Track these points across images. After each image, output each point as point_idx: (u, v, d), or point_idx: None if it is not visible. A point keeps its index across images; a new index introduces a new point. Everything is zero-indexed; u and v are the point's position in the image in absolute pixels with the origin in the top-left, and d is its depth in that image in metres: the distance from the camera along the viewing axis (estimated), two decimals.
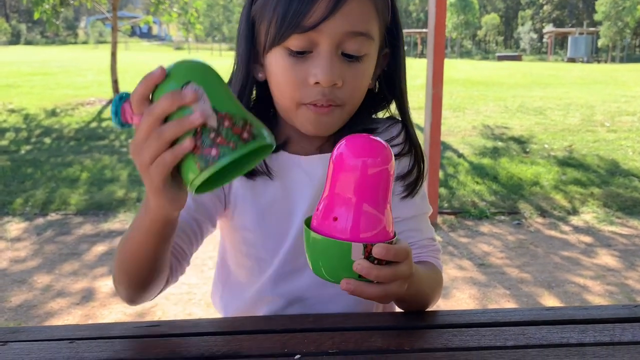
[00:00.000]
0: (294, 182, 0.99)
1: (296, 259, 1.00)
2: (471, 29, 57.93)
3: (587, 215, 4.87)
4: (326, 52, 0.86)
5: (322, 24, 0.83)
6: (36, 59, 22.23)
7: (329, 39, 0.85)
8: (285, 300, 1.03)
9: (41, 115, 9.01)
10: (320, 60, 0.86)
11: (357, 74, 0.89)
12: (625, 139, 7.55)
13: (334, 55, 0.86)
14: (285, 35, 0.85)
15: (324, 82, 0.86)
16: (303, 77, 0.87)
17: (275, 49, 0.88)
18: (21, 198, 5.12)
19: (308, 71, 0.87)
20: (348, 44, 0.86)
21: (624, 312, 0.98)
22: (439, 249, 1.07)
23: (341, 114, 0.92)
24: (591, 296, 3.34)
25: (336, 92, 0.88)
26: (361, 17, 0.87)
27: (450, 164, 6.27)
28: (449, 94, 9.96)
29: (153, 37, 77.24)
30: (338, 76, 0.86)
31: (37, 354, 0.86)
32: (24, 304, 3.19)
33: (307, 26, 0.83)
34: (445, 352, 0.85)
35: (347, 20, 0.85)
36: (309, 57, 0.87)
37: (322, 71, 0.85)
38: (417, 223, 1.04)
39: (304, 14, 0.83)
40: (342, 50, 0.87)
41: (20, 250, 4.01)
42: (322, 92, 0.87)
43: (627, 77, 16.78)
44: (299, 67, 0.87)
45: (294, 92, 0.89)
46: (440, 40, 4.33)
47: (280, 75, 0.90)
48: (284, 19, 0.84)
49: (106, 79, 11.10)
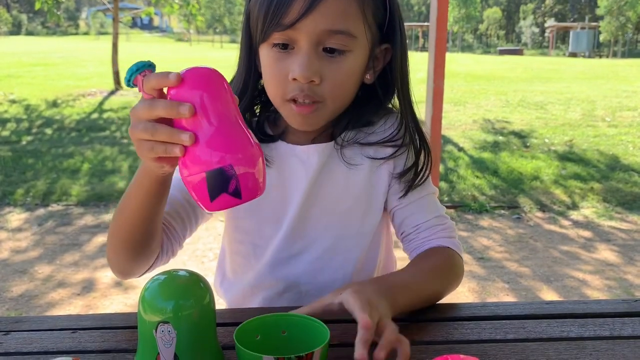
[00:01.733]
0: (289, 170, 1.01)
1: (291, 246, 1.03)
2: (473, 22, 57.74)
3: (586, 210, 4.87)
4: (304, 49, 0.88)
5: (298, 23, 0.86)
6: (37, 49, 22.18)
7: (306, 36, 0.88)
8: (282, 285, 1.05)
9: (42, 106, 9.00)
10: (298, 57, 0.89)
11: (338, 70, 0.91)
12: (625, 134, 7.54)
13: (312, 52, 0.89)
14: (267, 33, 0.89)
15: (300, 79, 0.89)
16: (284, 73, 0.90)
17: (263, 44, 0.92)
18: (22, 188, 5.12)
19: (288, 67, 0.90)
20: (328, 42, 0.89)
21: (624, 307, 0.98)
22: (450, 225, 1.05)
23: (324, 111, 0.94)
24: (590, 291, 3.34)
25: (315, 88, 0.90)
26: (339, 15, 0.88)
27: (450, 157, 6.27)
28: (450, 88, 9.94)
29: (154, 28, 77.03)
30: (314, 72, 0.88)
31: (40, 344, 0.87)
32: (25, 294, 3.20)
33: (285, 24, 0.87)
34: (446, 345, 0.85)
35: (324, 18, 0.87)
36: (291, 53, 0.90)
37: (299, 67, 0.88)
38: (420, 205, 1.04)
39: (282, 13, 0.86)
40: (323, 46, 0.89)
41: (21, 241, 4.02)
42: (301, 87, 0.90)
43: (628, 72, 16.74)
44: (282, 63, 0.91)
45: (277, 87, 0.93)
46: (442, 33, 4.31)
47: (267, 70, 0.94)
48: (266, 17, 0.88)
49: (107, 70, 11.08)
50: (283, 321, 0.79)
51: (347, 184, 1.01)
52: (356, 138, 1.01)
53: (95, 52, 20.04)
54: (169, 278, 0.70)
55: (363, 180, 1.02)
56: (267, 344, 0.77)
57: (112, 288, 3.26)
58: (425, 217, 1.03)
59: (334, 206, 1.01)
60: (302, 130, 0.97)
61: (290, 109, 0.93)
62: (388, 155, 1.02)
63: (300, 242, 1.03)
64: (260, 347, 0.74)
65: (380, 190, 1.03)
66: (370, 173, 1.02)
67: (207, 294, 0.71)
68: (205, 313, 0.70)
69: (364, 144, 1.01)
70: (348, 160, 1.00)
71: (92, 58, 17.00)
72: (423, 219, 1.03)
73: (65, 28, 63.38)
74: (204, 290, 0.71)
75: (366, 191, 1.02)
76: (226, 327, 0.87)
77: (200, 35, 55.67)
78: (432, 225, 1.03)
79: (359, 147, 1.01)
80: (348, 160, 1.00)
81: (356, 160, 1.01)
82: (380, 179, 1.03)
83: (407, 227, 1.04)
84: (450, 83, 10.48)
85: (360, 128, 1.01)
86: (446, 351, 0.83)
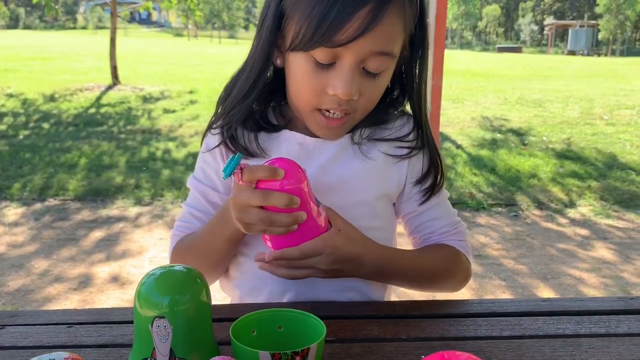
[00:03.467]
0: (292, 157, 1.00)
1: None
2: (472, 20, 57.72)
3: (583, 208, 4.88)
4: (349, 67, 0.87)
5: (351, 43, 0.84)
6: (35, 43, 22.09)
7: (354, 55, 0.86)
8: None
9: (39, 100, 8.97)
10: (342, 73, 0.87)
11: (374, 88, 0.92)
12: (623, 132, 7.55)
13: (356, 70, 0.88)
14: (313, 46, 0.86)
15: (343, 96, 0.88)
16: (322, 87, 0.89)
17: (300, 52, 0.89)
18: (19, 183, 5.11)
19: (328, 82, 0.88)
20: (370, 62, 0.88)
21: (620, 304, 0.98)
22: (462, 230, 1.09)
23: (353, 121, 0.97)
24: (586, 288, 3.35)
25: (352, 103, 0.91)
26: (389, 38, 0.88)
27: (448, 155, 6.27)
28: (448, 85, 9.94)
29: (152, 23, 76.79)
30: (356, 90, 0.89)
31: (35, 338, 0.86)
32: (22, 288, 3.20)
33: (337, 42, 0.84)
34: (442, 342, 0.85)
35: (375, 40, 0.85)
36: (331, 68, 0.88)
37: (343, 85, 0.87)
38: (435, 212, 1.07)
39: (337, 30, 0.83)
40: (364, 66, 0.89)
41: (18, 235, 4.01)
42: (339, 102, 0.90)
43: (626, 71, 16.76)
44: (320, 76, 0.89)
45: (311, 98, 0.92)
46: (441, 30, 4.32)
47: (300, 79, 0.92)
48: (316, 30, 0.84)
49: (105, 65, 11.05)
50: (279, 317, 0.79)
51: (359, 178, 1.00)
52: (372, 135, 1.02)
53: (93, 46, 19.97)
54: (165, 273, 0.70)
55: (375, 175, 1.02)
56: (263, 339, 0.77)
57: (108, 283, 3.26)
58: (440, 224, 1.06)
59: (344, 199, 1.00)
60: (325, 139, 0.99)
61: (318, 119, 0.94)
62: (403, 154, 1.02)
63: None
64: (257, 343, 0.74)
65: (392, 188, 1.03)
66: (383, 169, 1.02)
67: (204, 289, 0.71)
68: (201, 308, 0.70)
69: (378, 139, 1.02)
70: (365, 153, 1.00)
71: (90, 52, 16.94)
72: (438, 224, 1.06)
73: (63, 22, 63.20)
74: (200, 286, 0.70)
75: (378, 186, 1.02)
76: (222, 322, 0.87)
77: (199, 31, 55.56)
78: (445, 231, 1.07)
79: (372, 143, 1.02)
80: (365, 153, 1.00)
81: (371, 154, 1.01)
82: (393, 178, 1.03)
83: (421, 232, 1.08)
84: (449, 80, 10.48)
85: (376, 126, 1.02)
86: (442, 347, 0.82)
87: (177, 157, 6.05)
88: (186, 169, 5.61)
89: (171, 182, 5.19)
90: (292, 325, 0.78)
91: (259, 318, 0.78)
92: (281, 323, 0.79)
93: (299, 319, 0.78)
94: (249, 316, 0.77)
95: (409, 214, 1.07)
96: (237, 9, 62.53)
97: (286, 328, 0.79)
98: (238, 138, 1.00)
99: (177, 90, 10.03)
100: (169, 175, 5.42)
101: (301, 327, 0.77)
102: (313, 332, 0.75)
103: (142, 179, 5.28)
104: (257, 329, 0.78)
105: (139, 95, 9.50)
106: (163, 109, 8.52)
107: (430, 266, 1.04)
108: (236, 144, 1.00)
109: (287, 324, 0.79)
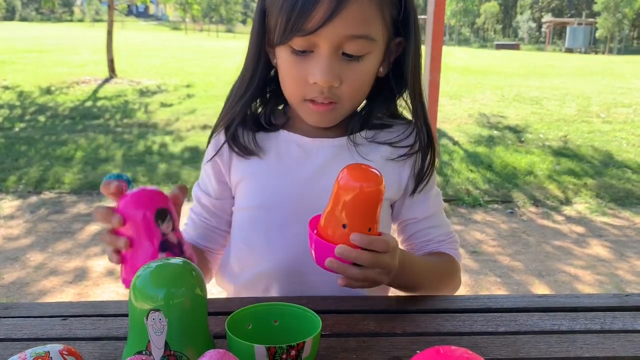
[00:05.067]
0: (291, 159, 1.02)
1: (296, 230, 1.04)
2: (470, 16, 57.71)
3: (579, 206, 4.89)
4: (325, 54, 0.89)
5: (321, 29, 0.86)
6: (31, 35, 22.00)
7: (328, 42, 0.88)
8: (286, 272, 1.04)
9: (36, 93, 8.94)
10: (319, 61, 0.90)
11: (356, 73, 0.93)
12: (620, 130, 7.56)
13: (334, 57, 0.90)
14: (288, 37, 0.89)
15: (321, 83, 0.90)
16: (304, 76, 0.92)
17: (282, 46, 0.93)
18: (15, 176, 5.10)
19: (308, 70, 0.91)
20: (348, 46, 0.90)
21: (615, 301, 0.99)
22: (456, 240, 1.11)
23: (342, 109, 0.97)
24: (581, 285, 3.36)
25: (334, 90, 0.93)
26: (361, 21, 0.88)
27: (445, 151, 6.27)
28: (445, 82, 9.94)
29: (150, 16, 76.56)
30: (335, 77, 0.90)
31: (30, 330, 0.86)
32: (17, 281, 3.19)
33: (307, 30, 0.87)
34: (437, 337, 0.85)
35: (346, 24, 0.87)
36: (311, 56, 0.91)
37: (320, 72, 0.90)
38: (432, 221, 1.08)
39: (305, 19, 0.86)
40: (343, 51, 0.90)
41: (14, 228, 4.00)
42: (321, 90, 0.92)
43: (624, 69, 16.78)
44: (301, 66, 0.92)
45: (296, 89, 0.95)
46: (439, 27, 4.31)
47: (285, 71, 0.96)
48: (287, 22, 0.88)
49: (102, 58, 11.00)
50: (275, 311, 0.79)
51: None
52: (374, 138, 1.02)
53: (90, 39, 19.88)
54: (160, 266, 0.70)
55: None
56: (259, 333, 0.77)
57: (104, 277, 3.25)
58: (436, 233, 1.08)
59: None
60: (317, 126, 1.00)
61: (308, 107, 0.96)
62: (400, 155, 1.02)
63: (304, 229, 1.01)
64: (252, 337, 0.74)
65: (391, 191, 1.03)
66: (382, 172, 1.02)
67: (199, 282, 0.71)
68: (196, 301, 0.69)
69: (380, 142, 1.02)
70: (364, 156, 1.00)
71: (87, 45, 16.87)
72: (434, 233, 1.08)
73: (60, 14, 62.94)
74: (195, 279, 0.70)
75: None
76: (218, 316, 0.86)
77: (196, 24, 55.37)
78: (442, 240, 1.08)
79: (374, 146, 1.02)
80: (364, 155, 1.00)
81: (370, 156, 1.01)
82: (392, 181, 1.02)
83: (419, 239, 1.09)
84: (446, 77, 10.48)
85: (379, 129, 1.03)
86: (437, 343, 0.83)
87: (173, 151, 6.04)
88: (182, 163, 5.60)
89: (167, 176, 5.18)
90: (288, 319, 0.78)
91: (254, 312, 0.78)
92: (277, 317, 0.79)
93: (295, 313, 0.78)
94: (245, 310, 0.77)
95: (407, 220, 1.08)
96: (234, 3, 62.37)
97: (282, 322, 0.79)
98: (238, 137, 1.02)
99: (174, 84, 10.01)
100: (165, 169, 5.41)
101: (297, 321, 0.77)
102: (309, 327, 0.75)
103: (139, 172, 5.27)
104: (253, 322, 0.78)
105: (136, 89, 9.47)
106: (160, 103, 8.50)
107: (435, 271, 1.05)
108: (237, 143, 1.02)
109: (282, 318, 0.79)
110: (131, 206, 0.79)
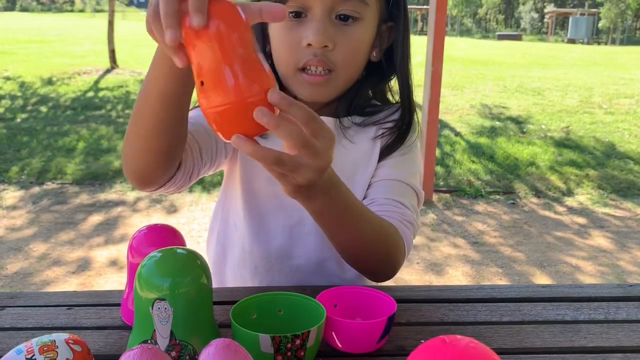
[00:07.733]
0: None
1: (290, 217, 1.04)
2: (472, 7, 57.42)
3: (581, 197, 4.89)
4: (318, 15, 0.91)
5: None
6: (32, 26, 21.92)
7: (320, 3, 0.90)
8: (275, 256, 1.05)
9: (37, 84, 8.92)
10: (313, 23, 0.91)
11: (350, 37, 0.93)
12: (622, 121, 7.54)
13: (326, 18, 0.91)
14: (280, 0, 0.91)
15: (314, 43, 0.90)
16: (297, 40, 0.92)
17: None
18: (17, 166, 5.10)
19: (302, 34, 0.92)
20: (340, 7, 0.91)
21: (619, 291, 0.99)
22: (411, 220, 0.97)
23: (336, 82, 0.96)
24: (583, 276, 3.37)
25: (328, 54, 0.92)
26: None
27: (447, 142, 6.26)
28: (448, 72, 9.90)
29: None
30: (328, 38, 0.91)
31: (35, 319, 0.86)
32: (20, 271, 3.20)
33: None
34: (441, 327, 0.86)
35: None
36: (304, 21, 0.92)
37: (313, 32, 0.90)
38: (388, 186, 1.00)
39: None
40: (336, 13, 0.92)
41: (16, 219, 4.01)
42: (314, 52, 0.92)
43: (626, 60, 16.70)
44: (295, 31, 0.92)
45: (289, 55, 0.94)
46: (441, 17, 4.29)
47: (279, 39, 0.96)
48: None
49: (103, 49, 10.97)
50: (279, 300, 0.79)
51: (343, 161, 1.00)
52: (363, 122, 1.03)
53: (91, 30, 19.82)
54: (165, 255, 0.70)
55: (360, 159, 1.03)
56: (264, 322, 0.77)
57: (107, 267, 3.26)
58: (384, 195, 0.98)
59: None
60: (311, 101, 0.94)
61: (302, 78, 0.94)
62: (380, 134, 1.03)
63: (296, 213, 1.02)
64: (257, 326, 0.74)
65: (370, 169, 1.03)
66: (368, 153, 1.04)
67: (204, 271, 0.71)
68: (202, 291, 0.70)
69: (367, 124, 1.03)
70: (350, 138, 1.01)
71: (88, 36, 16.82)
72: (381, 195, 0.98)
73: (61, 5, 62.71)
74: (201, 268, 0.70)
75: (360, 169, 1.03)
76: (223, 305, 0.87)
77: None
78: (386, 204, 0.97)
79: (363, 129, 1.03)
80: (350, 138, 1.01)
81: (356, 139, 1.02)
82: (372, 159, 1.04)
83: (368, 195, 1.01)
84: (449, 67, 10.43)
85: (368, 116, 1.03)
86: (441, 332, 0.83)
87: None
88: None
89: None
90: (293, 308, 0.78)
91: (259, 301, 0.78)
92: (281, 306, 0.79)
93: (299, 303, 0.78)
94: (250, 299, 0.77)
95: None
96: None
97: (286, 311, 0.79)
98: None
99: None
100: None
101: (301, 310, 0.77)
102: (313, 316, 0.75)
103: None
104: (258, 312, 0.78)
105: (137, 80, 9.44)
106: None
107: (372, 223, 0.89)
108: None
109: (287, 308, 0.79)
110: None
